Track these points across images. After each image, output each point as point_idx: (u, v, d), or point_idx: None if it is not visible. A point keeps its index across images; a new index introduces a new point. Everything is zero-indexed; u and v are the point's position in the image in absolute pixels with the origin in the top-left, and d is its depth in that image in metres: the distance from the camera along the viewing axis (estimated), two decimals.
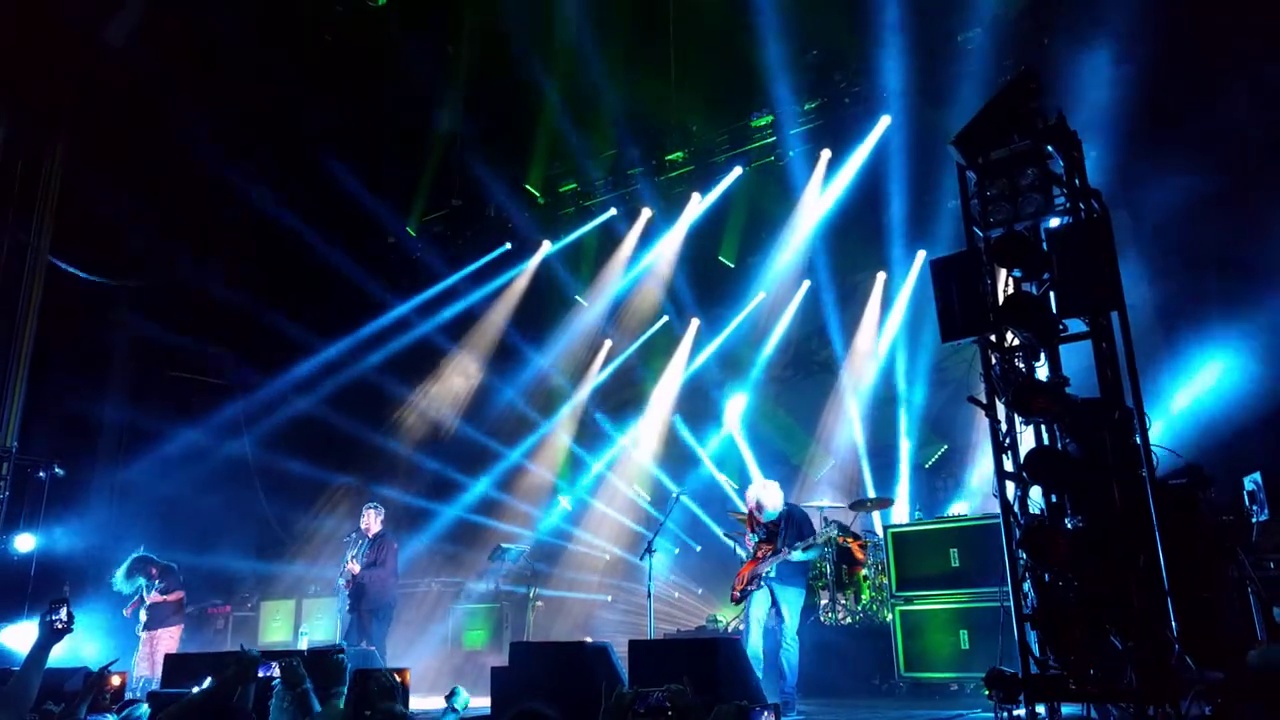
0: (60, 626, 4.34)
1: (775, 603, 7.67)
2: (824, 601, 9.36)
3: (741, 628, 9.74)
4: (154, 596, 9.80)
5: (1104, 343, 5.34)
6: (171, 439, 13.10)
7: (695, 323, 14.42)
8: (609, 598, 12.97)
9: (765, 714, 4.88)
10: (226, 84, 13.76)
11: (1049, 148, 5.60)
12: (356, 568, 9.47)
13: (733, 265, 13.75)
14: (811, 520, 8.06)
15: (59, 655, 5.65)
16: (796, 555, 7.65)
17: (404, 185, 15.27)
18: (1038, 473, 5.25)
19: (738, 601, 8.04)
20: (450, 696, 4.72)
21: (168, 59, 13.23)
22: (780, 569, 7.69)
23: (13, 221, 12.22)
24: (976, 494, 10.75)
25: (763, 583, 7.75)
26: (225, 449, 13.24)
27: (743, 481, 12.21)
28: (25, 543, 11.35)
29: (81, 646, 9.75)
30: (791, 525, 7.83)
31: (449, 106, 14.65)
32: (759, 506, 7.86)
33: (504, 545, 12.22)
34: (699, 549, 12.67)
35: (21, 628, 10.75)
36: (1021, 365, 5.52)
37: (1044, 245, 5.53)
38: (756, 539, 8.00)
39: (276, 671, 4.90)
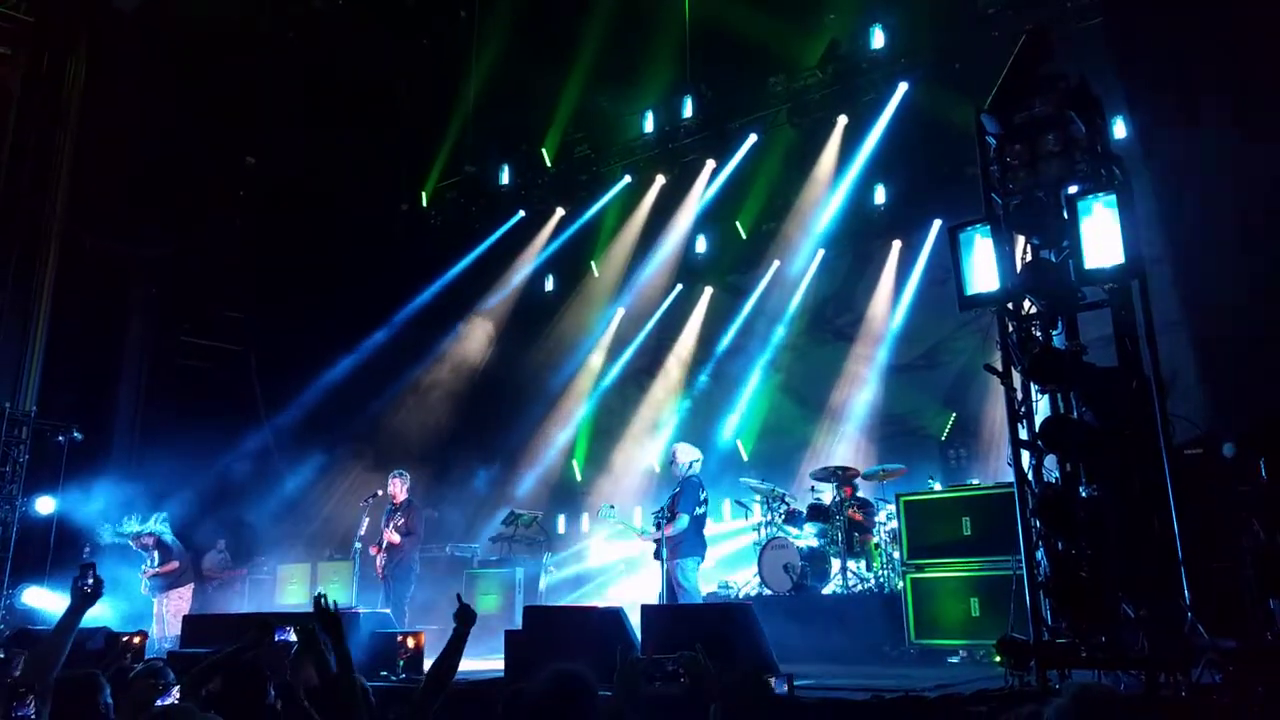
0: (89, 591, 4.47)
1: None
2: (835, 569, 9.39)
3: (749, 592, 9.84)
4: (150, 571, 10.03)
5: (1123, 311, 5.29)
6: (188, 403, 13.21)
7: (709, 291, 14.36)
8: (620, 564, 13.04)
9: (780, 681, 4.90)
10: (239, 52, 13.75)
11: (1070, 113, 5.51)
12: (397, 538, 9.54)
13: (745, 236, 13.64)
14: (695, 495, 8.35)
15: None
16: (652, 534, 8.22)
17: (418, 152, 15.24)
18: (1053, 441, 5.23)
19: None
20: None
21: (180, 26, 13.24)
22: (665, 542, 8.13)
23: (29, 188, 12.27)
24: (989, 463, 10.74)
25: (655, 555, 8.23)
26: (243, 414, 13.31)
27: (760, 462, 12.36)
28: (45, 505, 11.53)
29: (100, 607, 9.91)
30: (672, 496, 8.33)
31: (462, 70, 14.58)
32: (672, 459, 8.53)
33: (516, 510, 12.32)
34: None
35: (43, 590, 10.95)
36: (1039, 333, 5.48)
37: (1064, 211, 5.46)
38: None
39: (293, 635, 4.98)
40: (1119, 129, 9.42)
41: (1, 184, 12.44)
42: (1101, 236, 5.30)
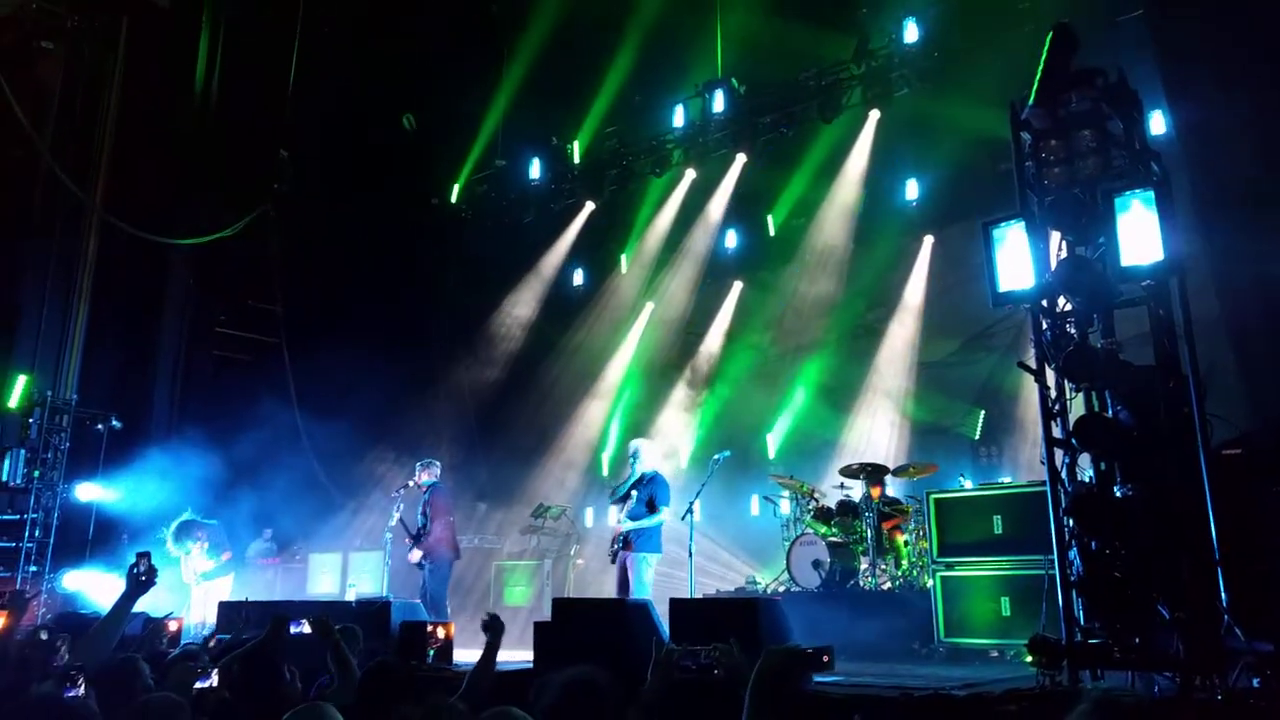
0: (144, 579, 4.65)
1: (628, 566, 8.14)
2: (864, 566, 9.36)
3: (777, 588, 9.82)
4: (206, 564, 10.08)
5: (1161, 309, 5.22)
6: (223, 394, 13.39)
7: (738, 286, 14.32)
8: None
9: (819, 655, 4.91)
10: (274, 45, 13.89)
11: (1107, 108, 5.44)
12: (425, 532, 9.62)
13: (774, 232, 13.58)
14: (668, 491, 8.35)
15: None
16: (626, 525, 8.26)
17: (450, 146, 15.32)
18: (1087, 440, 5.17)
19: (614, 561, 8.41)
20: None
21: (216, 19, 13.41)
22: (634, 534, 8.16)
23: (70, 179, 12.48)
24: (1021, 461, 10.66)
25: (619, 545, 8.27)
26: (276, 404, 13.46)
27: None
28: (86, 492, 11.77)
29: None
30: (644, 490, 8.31)
31: (493, 65, 14.64)
32: (634, 455, 8.45)
33: (545, 503, 12.38)
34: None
35: (84, 574, 11.18)
36: (1073, 330, 5.42)
37: (1100, 208, 5.39)
38: (618, 495, 8.56)
39: (307, 627, 5.11)
40: (1158, 123, 9.26)
41: (43, 176, 12.68)
42: (1139, 233, 5.23)
